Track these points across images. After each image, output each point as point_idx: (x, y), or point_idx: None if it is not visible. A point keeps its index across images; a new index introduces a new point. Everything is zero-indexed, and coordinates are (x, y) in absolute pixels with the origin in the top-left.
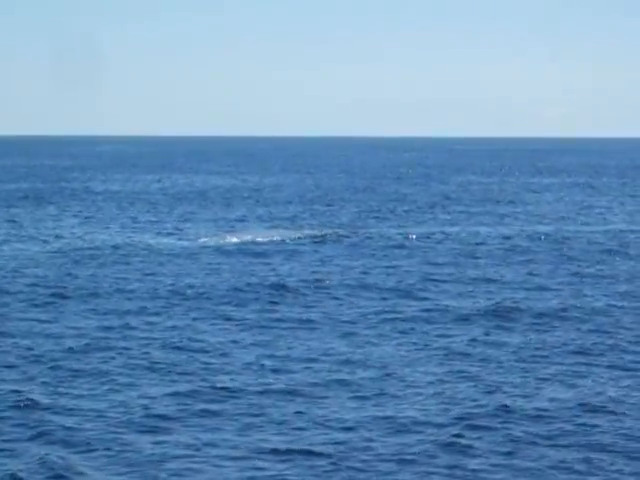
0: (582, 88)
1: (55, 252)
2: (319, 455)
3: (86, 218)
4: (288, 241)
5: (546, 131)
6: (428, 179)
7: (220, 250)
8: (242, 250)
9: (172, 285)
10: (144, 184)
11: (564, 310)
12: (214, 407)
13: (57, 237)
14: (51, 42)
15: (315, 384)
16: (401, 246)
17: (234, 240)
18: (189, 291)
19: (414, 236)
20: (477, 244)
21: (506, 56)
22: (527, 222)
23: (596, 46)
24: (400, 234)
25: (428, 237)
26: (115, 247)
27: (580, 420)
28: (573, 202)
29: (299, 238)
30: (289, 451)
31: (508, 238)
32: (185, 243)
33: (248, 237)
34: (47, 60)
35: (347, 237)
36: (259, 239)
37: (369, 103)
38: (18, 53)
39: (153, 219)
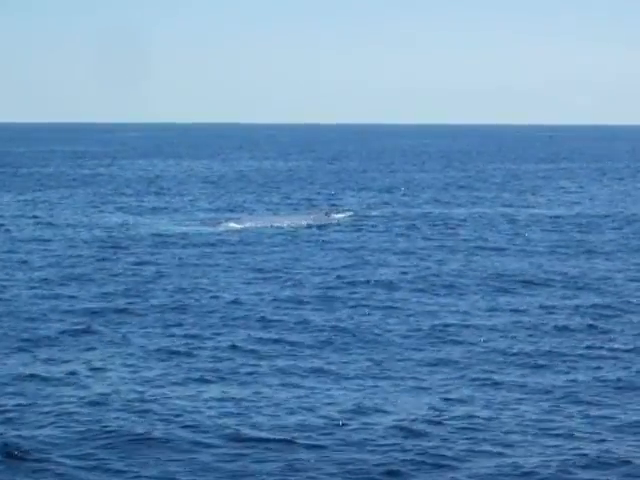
0: (612, 75)
1: (64, 236)
2: None
3: (97, 201)
4: (300, 226)
5: (575, 119)
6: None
7: (224, 236)
8: (247, 236)
9: (174, 271)
10: (163, 170)
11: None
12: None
13: (66, 221)
14: (95, 31)
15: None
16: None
17: (240, 226)
18: (190, 275)
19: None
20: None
21: (533, 43)
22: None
23: (627, 33)
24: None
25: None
26: (120, 230)
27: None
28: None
29: (308, 224)
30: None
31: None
32: (200, 228)
33: (255, 223)
34: (91, 48)
35: (355, 222)
36: (269, 224)
37: (394, 91)
38: (63, 40)
39: (162, 204)
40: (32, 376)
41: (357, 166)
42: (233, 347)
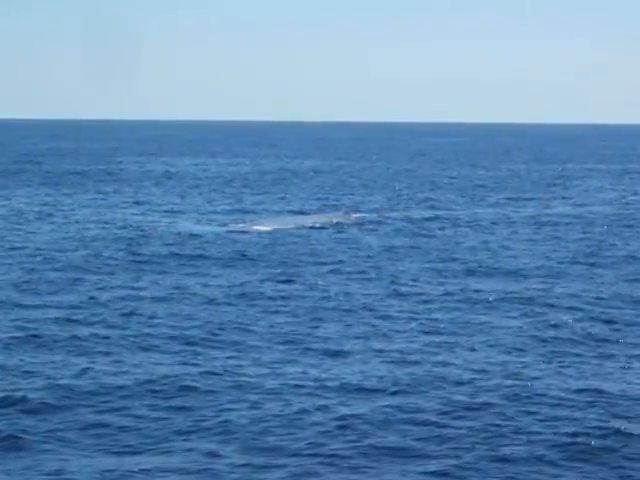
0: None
1: (82, 233)
2: None
3: (119, 200)
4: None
5: (597, 117)
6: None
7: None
8: (264, 236)
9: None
10: (183, 168)
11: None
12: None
13: (89, 219)
14: (90, 26)
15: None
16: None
17: (258, 227)
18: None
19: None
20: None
21: (566, 41)
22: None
23: None
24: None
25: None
26: (135, 230)
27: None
28: None
29: (325, 225)
30: None
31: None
32: (216, 229)
33: (272, 223)
34: (86, 44)
35: (377, 222)
36: (286, 224)
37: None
38: (58, 36)
39: (179, 203)
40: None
41: (376, 165)
42: (238, 347)
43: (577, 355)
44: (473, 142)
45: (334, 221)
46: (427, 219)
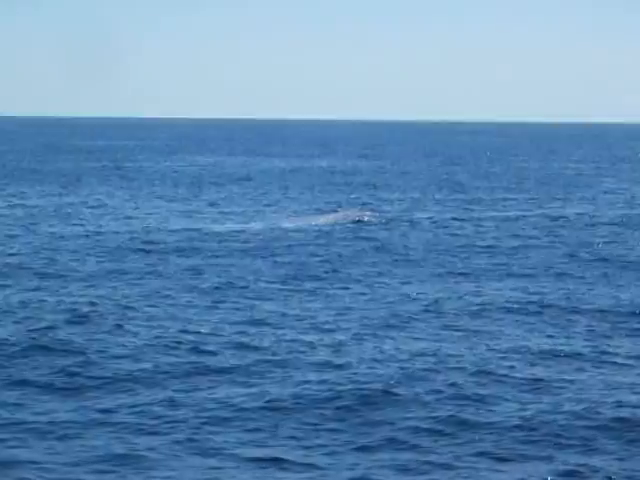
0: None
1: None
2: None
3: (134, 197)
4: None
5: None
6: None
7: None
8: (273, 236)
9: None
10: (199, 166)
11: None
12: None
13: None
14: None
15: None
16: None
17: (271, 226)
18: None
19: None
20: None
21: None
22: None
23: None
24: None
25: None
26: (147, 230)
27: None
28: None
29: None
30: None
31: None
32: (229, 227)
33: (284, 222)
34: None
35: (386, 222)
36: (297, 223)
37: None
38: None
39: (195, 202)
40: None
41: (392, 164)
42: (240, 344)
43: (580, 355)
44: (488, 141)
45: (352, 219)
46: (444, 219)
